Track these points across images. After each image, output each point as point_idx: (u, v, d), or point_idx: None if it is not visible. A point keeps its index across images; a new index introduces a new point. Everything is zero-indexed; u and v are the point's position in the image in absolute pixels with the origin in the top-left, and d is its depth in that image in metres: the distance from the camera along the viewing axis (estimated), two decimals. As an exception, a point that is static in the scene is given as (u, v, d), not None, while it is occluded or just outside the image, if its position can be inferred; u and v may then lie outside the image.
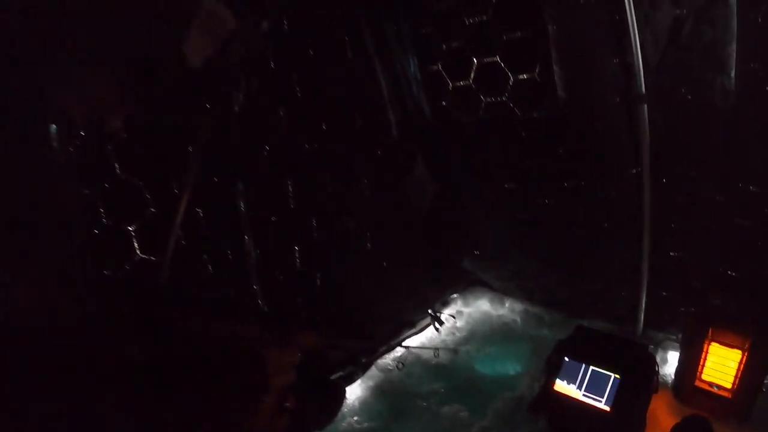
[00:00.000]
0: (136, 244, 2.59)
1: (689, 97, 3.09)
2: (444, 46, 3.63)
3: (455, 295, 5.14)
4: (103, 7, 2.28)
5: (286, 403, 1.41)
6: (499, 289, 5.07)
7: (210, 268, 2.94)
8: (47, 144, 2.27)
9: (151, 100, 2.54)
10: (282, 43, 3.14)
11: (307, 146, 3.39)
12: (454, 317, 4.88)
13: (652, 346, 4.06)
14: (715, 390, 3.40)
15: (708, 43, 2.90)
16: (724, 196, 3.26)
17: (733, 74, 2.90)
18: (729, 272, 3.45)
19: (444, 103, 3.83)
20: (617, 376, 3.22)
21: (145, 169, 2.58)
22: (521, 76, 3.40)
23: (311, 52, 3.33)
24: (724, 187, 3.25)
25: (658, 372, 3.36)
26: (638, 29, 2.97)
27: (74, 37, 2.25)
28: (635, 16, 2.95)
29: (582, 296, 4.31)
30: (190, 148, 2.71)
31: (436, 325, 4.67)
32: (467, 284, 5.23)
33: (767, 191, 3.08)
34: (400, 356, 4.36)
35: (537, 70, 3.32)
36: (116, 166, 2.48)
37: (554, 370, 3.38)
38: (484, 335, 4.72)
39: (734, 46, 2.84)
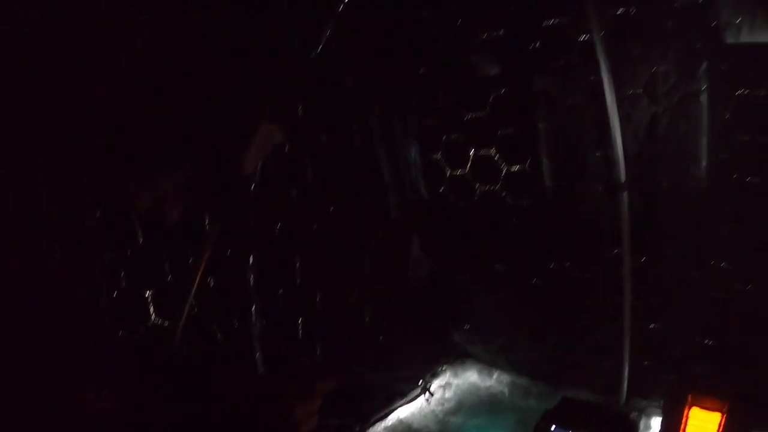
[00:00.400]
0: (151, 309, 2.77)
1: (665, 184, 3.34)
2: (444, 137, 3.89)
3: (445, 367, 5.17)
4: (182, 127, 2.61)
5: None
6: (487, 362, 5.10)
7: (219, 335, 3.09)
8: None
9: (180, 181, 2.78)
10: (297, 130, 3.38)
11: (315, 225, 3.59)
12: (443, 389, 4.96)
13: (635, 413, 4.12)
14: None
15: (682, 136, 3.17)
16: (699, 273, 3.43)
17: (704, 164, 3.15)
18: (706, 341, 3.58)
19: (441, 189, 4.06)
20: None
21: (166, 239, 2.78)
22: (513, 168, 3.65)
23: (323, 139, 3.60)
24: (698, 264, 3.42)
25: None
26: (620, 126, 3.24)
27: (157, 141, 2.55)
28: (617, 114, 3.23)
29: (567, 368, 4.38)
30: (208, 224, 2.91)
31: (427, 395, 4.76)
32: (456, 357, 5.25)
33: (737, 267, 3.26)
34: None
35: (528, 162, 3.58)
36: (140, 235, 2.70)
37: None
38: (473, 406, 4.73)
39: (705, 139, 3.10)
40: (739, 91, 2.97)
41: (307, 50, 3.39)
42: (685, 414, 3.47)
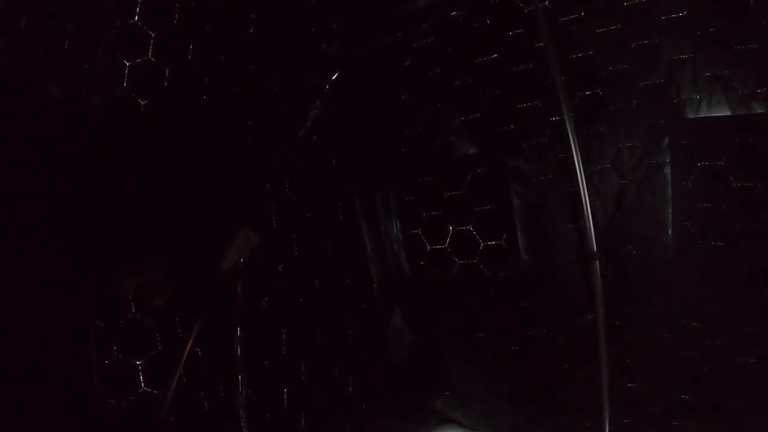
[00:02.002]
0: (141, 377, 2.88)
1: (634, 252, 3.52)
2: (424, 213, 4.09)
3: None
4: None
5: None
6: (469, 426, 5.04)
7: (206, 404, 3.17)
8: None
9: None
10: (284, 207, 3.61)
11: (300, 300, 3.73)
12: None
13: None
14: None
15: (648, 206, 3.37)
16: (671, 333, 3.56)
17: (670, 232, 3.34)
18: (683, 396, 3.64)
19: (422, 262, 4.22)
20: None
21: (156, 313, 2.95)
22: (490, 242, 3.84)
23: (308, 215, 3.80)
24: (669, 325, 3.55)
25: None
26: (589, 199, 3.43)
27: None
28: (587, 188, 3.43)
29: (550, 430, 4.38)
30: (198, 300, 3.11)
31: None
32: (439, 422, 5.18)
33: (706, 325, 3.38)
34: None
35: (504, 237, 3.78)
36: (133, 307, 2.88)
37: None
38: None
39: (670, 209, 3.31)
40: (700, 163, 3.20)
41: (293, 130, 3.70)
42: None
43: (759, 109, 3.03)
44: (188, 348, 3.04)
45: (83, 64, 2.75)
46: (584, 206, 3.43)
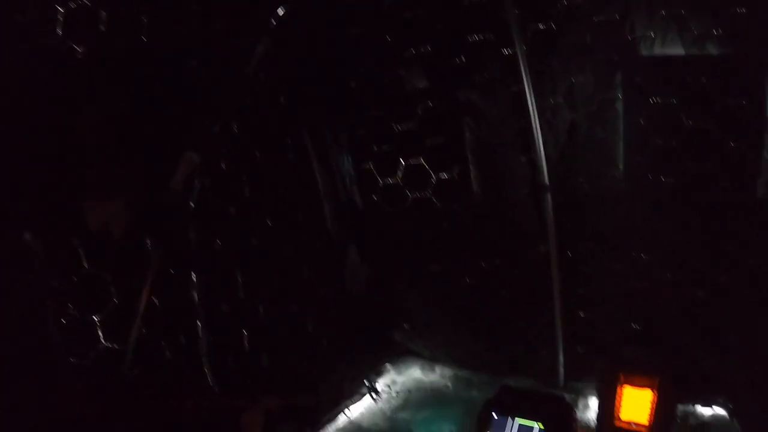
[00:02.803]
0: (100, 333, 2.86)
1: (586, 185, 3.59)
2: (375, 147, 4.06)
3: (388, 366, 5.34)
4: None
5: None
6: (429, 358, 5.26)
7: (167, 353, 3.20)
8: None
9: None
10: (233, 147, 3.52)
11: (254, 240, 3.71)
12: (389, 386, 5.15)
13: (572, 396, 4.37)
14: (633, 427, 3.69)
15: (600, 141, 3.42)
16: (621, 265, 3.70)
17: (621, 166, 3.41)
18: (633, 325, 3.85)
19: (375, 197, 4.23)
20: (540, 425, 3.45)
21: (110, 263, 2.90)
22: (442, 175, 3.86)
23: (258, 155, 3.73)
24: (620, 257, 3.69)
25: (575, 417, 3.67)
26: (541, 132, 3.47)
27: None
28: (539, 122, 3.47)
29: (506, 359, 4.59)
30: (150, 245, 3.06)
31: (373, 394, 4.98)
32: (399, 354, 5.41)
33: (656, 258, 3.54)
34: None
35: (455, 170, 3.79)
36: (84, 260, 2.82)
37: (485, 426, 3.60)
38: (419, 401, 4.90)
39: (622, 143, 3.36)
40: (652, 99, 3.24)
41: (240, 68, 3.56)
42: (618, 393, 3.71)
43: (713, 51, 3.05)
44: (144, 299, 3.03)
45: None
46: (536, 140, 3.47)
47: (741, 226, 3.20)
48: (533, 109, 3.46)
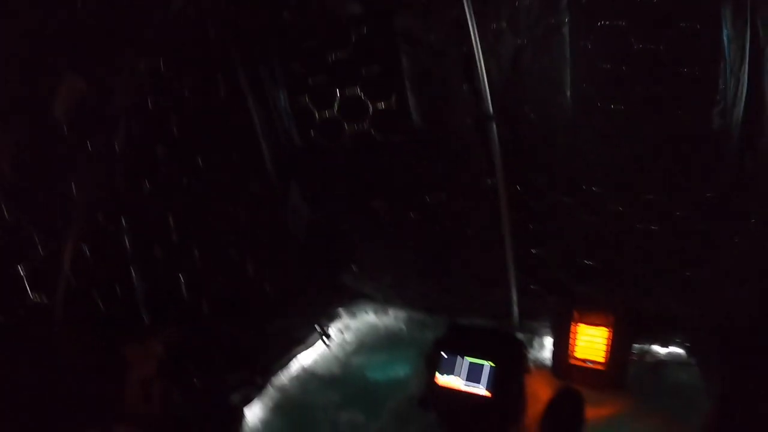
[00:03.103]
0: (27, 287, 2.73)
1: (532, 115, 3.47)
2: (310, 80, 3.91)
3: (341, 310, 5.31)
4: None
5: (153, 389, 1.48)
6: (381, 300, 5.25)
7: (100, 304, 3.09)
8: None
9: (38, 147, 2.76)
10: (160, 85, 3.37)
11: (184, 181, 3.57)
12: (341, 331, 5.13)
13: (527, 335, 4.40)
14: (588, 365, 3.81)
15: (546, 68, 3.29)
16: (572, 198, 3.63)
17: (569, 94, 3.29)
18: (586, 261, 3.82)
19: (312, 132, 4.09)
20: (491, 363, 3.50)
21: (33, 212, 2.74)
22: (379, 105, 3.72)
23: (187, 93, 3.56)
24: (570, 190, 3.62)
25: (527, 355, 3.73)
26: (484, 59, 3.34)
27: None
28: (481, 48, 3.33)
29: (459, 298, 4.58)
30: (75, 191, 2.91)
31: (325, 340, 4.95)
32: (351, 298, 5.38)
33: (608, 191, 3.47)
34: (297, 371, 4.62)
35: (393, 99, 3.66)
36: (4, 209, 2.65)
37: (434, 366, 3.66)
38: (373, 344, 4.96)
39: (569, 70, 3.23)
40: (600, 22, 3.10)
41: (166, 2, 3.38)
42: (572, 330, 3.81)
43: (666, -32, 2.89)
44: (71, 247, 2.91)
45: None
46: (479, 67, 3.35)
47: (696, 158, 3.13)
48: (475, 35, 3.33)
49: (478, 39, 3.34)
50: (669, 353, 4.06)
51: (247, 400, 4.21)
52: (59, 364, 2.87)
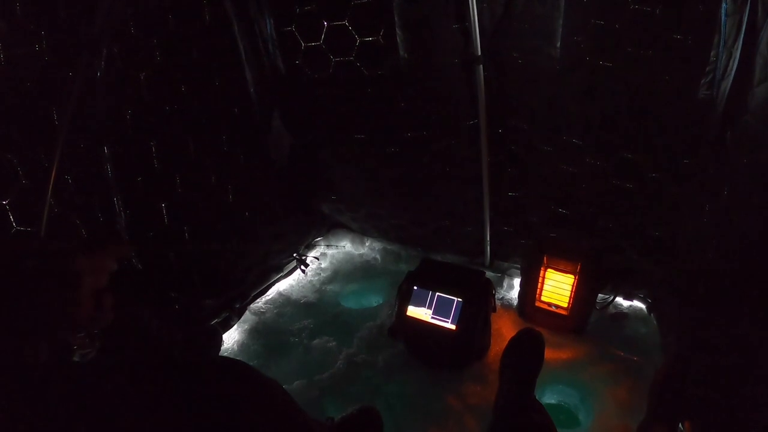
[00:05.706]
0: (11, 218, 2.80)
1: (520, 61, 3.55)
2: (297, 9, 3.89)
3: (319, 239, 5.51)
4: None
5: (104, 301, 1.54)
6: (358, 230, 5.41)
7: (83, 232, 3.17)
8: None
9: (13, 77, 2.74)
10: (142, 9, 3.32)
11: (167, 108, 3.59)
12: (318, 259, 5.31)
13: (498, 275, 4.67)
14: (553, 309, 4.04)
15: (538, 16, 3.33)
16: (551, 146, 3.76)
17: (559, 45, 3.35)
18: (560, 210, 3.99)
19: (297, 61, 4.11)
20: (459, 299, 3.67)
21: (13, 143, 2.78)
22: (367, 39, 3.75)
23: (170, 17, 3.53)
24: (551, 138, 3.74)
25: (494, 294, 3.89)
26: (476, 1, 3.35)
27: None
28: None
29: (433, 233, 4.71)
30: (56, 119, 2.92)
31: (302, 267, 5.14)
32: (329, 227, 5.57)
33: (587, 144, 3.58)
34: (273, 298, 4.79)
35: (381, 33, 3.68)
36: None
37: (405, 298, 3.82)
38: (348, 273, 5.14)
39: (561, 21, 3.27)
40: None
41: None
42: (541, 274, 3.97)
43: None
44: (53, 176, 2.95)
45: None
46: (471, 8, 3.37)
47: (678, 125, 3.19)
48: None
49: (472, -21, 3.33)
50: (631, 306, 4.30)
51: (227, 325, 4.39)
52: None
